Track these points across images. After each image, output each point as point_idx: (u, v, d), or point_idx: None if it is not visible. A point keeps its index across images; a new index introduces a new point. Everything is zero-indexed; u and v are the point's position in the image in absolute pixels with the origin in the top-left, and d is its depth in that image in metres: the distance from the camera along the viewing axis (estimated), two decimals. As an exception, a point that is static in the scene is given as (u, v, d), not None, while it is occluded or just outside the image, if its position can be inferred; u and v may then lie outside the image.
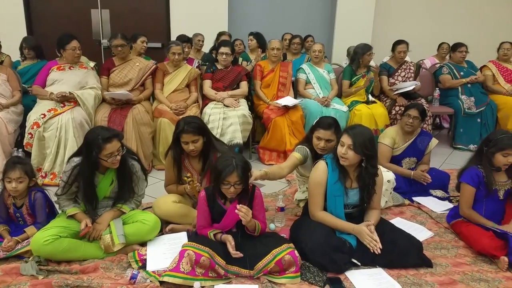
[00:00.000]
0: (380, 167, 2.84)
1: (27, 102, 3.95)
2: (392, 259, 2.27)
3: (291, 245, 2.23)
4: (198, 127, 2.60)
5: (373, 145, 2.29)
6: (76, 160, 2.40)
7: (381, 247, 2.22)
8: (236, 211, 2.16)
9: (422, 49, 6.09)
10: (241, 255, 2.18)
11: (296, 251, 2.18)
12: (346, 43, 5.77)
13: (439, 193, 3.34)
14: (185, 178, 2.63)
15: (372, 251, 2.22)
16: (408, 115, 3.37)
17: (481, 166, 2.58)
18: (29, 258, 2.26)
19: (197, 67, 4.51)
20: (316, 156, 2.75)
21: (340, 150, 2.30)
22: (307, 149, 2.81)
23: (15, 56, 4.43)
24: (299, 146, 2.86)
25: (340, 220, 2.38)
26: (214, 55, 4.55)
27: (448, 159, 4.53)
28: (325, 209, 2.43)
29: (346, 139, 2.28)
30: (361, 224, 2.33)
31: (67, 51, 3.78)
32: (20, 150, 3.71)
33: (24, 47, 4.27)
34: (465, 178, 2.59)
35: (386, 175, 3.06)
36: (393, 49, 4.76)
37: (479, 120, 4.82)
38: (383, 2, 6.47)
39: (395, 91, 4.58)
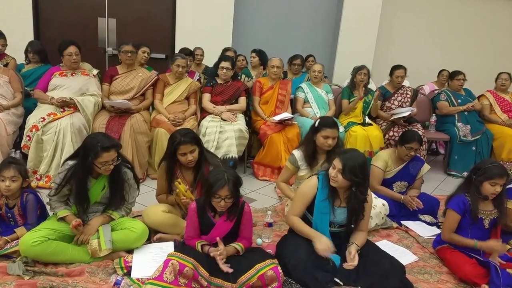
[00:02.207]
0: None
1: (28, 104, 4.01)
2: (374, 280, 2.27)
3: (275, 260, 2.24)
4: (194, 137, 2.69)
5: (363, 172, 2.29)
6: (71, 163, 2.46)
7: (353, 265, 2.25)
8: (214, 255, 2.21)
9: (422, 75, 6.18)
10: (231, 270, 2.18)
11: (279, 267, 2.20)
12: (348, 65, 5.82)
13: (427, 218, 3.37)
14: (176, 183, 2.67)
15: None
16: (410, 148, 3.33)
17: (469, 194, 2.61)
18: (17, 258, 2.29)
19: (197, 80, 4.58)
20: (313, 155, 3.03)
21: (331, 172, 2.34)
22: (295, 155, 3.06)
23: (20, 59, 4.51)
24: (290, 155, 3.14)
25: (307, 227, 2.42)
26: (216, 70, 4.62)
27: (441, 185, 4.56)
28: (311, 224, 2.45)
29: (337, 163, 2.30)
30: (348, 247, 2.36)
31: (64, 57, 3.86)
32: (18, 151, 3.75)
33: (29, 51, 4.34)
34: (451, 205, 2.63)
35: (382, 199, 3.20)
36: (391, 74, 4.82)
37: (474, 148, 4.86)
38: (387, 26, 6.58)
39: (392, 116, 4.63)
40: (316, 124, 3.01)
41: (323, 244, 2.28)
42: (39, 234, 2.28)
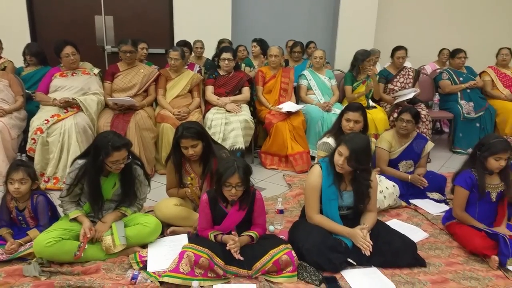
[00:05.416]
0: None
1: (31, 107, 4.00)
2: (387, 258, 2.33)
3: (288, 245, 2.27)
4: (197, 132, 2.65)
5: (367, 158, 2.36)
6: (80, 162, 2.46)
7: (371, 250, 2.25)
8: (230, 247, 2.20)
9: (423, 55, 6.16)
10: (242, 258, 2.20)
11: (293, 251, 2.23)
12: (349, 49, 5.74)
13: (435, 195, 3.39)
14: (188, 179, 2.67)
15: (363, 252, 2.26)
16: (402, 119, 3.44)
17: (475, 169, 2.64)
18: (32, 260, 2.30)
19: (198, 71, 4.57)
20: None
21: (338, 160, 2.35)
22: (329, 143, 3.04)
23: (19, 62, 4.47)
24: (321, 142, 3.13)
25: (336, 224, 2.43)
26: (216, 62, 4.61)
27: (447, 162, 4.57)
28: (321, 211, 2.48)
29: (344, 150, 2.32)
30: (355, 228, 2.38)
31: (62, 59, 3.83)
32: (23, 155, 3.75)
33: (27, 53, 4.30)
34: (458, 181, 2.66)
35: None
36: (392, 55, 4.81)
37: (478, 124, 4.87)
38: (385, 8, 6.54)
39: (396, 99, 4.62)
40: (344, 107, 3.15)
41: (358, 237, 2.30)
42: (52, 235, 2.29)
